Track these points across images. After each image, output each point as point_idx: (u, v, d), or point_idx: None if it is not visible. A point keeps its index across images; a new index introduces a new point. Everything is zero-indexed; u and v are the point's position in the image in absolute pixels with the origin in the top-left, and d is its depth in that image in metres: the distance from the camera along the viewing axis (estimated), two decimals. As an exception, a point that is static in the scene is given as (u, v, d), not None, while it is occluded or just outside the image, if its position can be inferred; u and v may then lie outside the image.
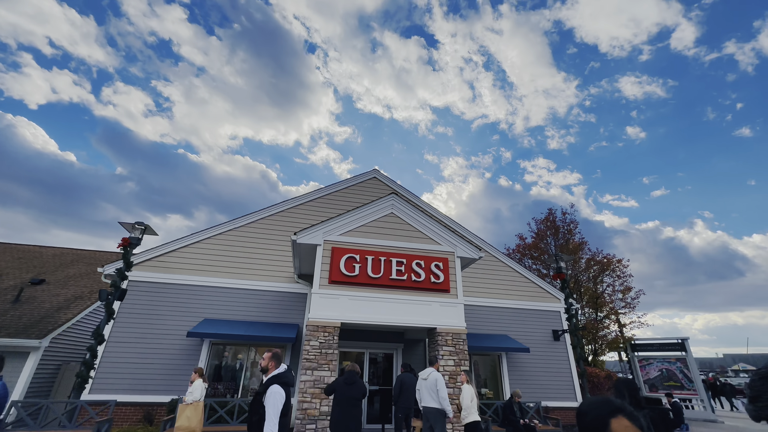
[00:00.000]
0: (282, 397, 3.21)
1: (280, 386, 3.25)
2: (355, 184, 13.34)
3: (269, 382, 3.31)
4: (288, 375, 3.46)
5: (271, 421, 3.11)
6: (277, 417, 3.14)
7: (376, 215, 9.30)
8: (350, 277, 8.32)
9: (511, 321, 12.57)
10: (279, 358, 3.58)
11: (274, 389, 3.22)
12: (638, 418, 1.08)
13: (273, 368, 3.48)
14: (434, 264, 8.91)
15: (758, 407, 0.71)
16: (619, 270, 19.84)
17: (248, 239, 11.63)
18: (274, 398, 3.18)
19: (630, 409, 1.10)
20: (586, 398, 1.18)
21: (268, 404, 3.15)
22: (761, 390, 0.71)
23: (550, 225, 21.79)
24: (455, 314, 8.69)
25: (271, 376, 3.41)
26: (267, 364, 3.51)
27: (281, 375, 3.41)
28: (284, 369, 3.49)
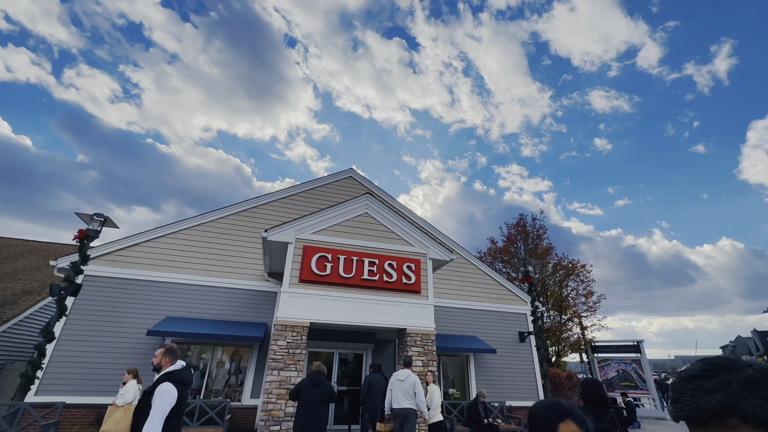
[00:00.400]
0: (172, 397, 2.86)
1: (172, 384, 2.91)
2: (331, 183, 13.21)
3: (160, 380, 2.95)
4: (184, 373, 3.12)
5: (154, 422, 2.73)
6: (161, 418, 2.77)
7: (350, 215, 9.25)
8: (321, 276, 8.22)
9: (479, 322, 12.84)
10: (175, 353, 3.22)
11: (164, 387, 2.87)
12: (586, 422, 1.11)
13: (167, 364, 3.12)
14: (406, 265, 8.97)
15: (677, 408, 0.75)
16: (583, 275, 20.82)
17: (218, 235, 11.26)
18: (162, 398, 2.83)
19: (579, 413, 1.13)
20: (538, 401, 1.21)
21: (155, 404, 2.80)
22: (681, 392, 0.74)
23: (520, 230, 22.51)
24: (425, 315, 8.78)
25: (163, 373, 3.05)
26: (160, 361, 3.14)
27: (176, 372, 3.06)
28: (181, 366, 3.16)
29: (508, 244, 22.44)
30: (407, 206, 15.01)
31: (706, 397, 0.72)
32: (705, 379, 0.74)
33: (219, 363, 10.06)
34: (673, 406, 0.77)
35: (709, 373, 0.74)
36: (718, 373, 0.74)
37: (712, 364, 0.77)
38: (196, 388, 9.50)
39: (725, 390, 0.71)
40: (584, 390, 3.08)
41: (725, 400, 0.70)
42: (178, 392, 2.91)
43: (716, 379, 0.73)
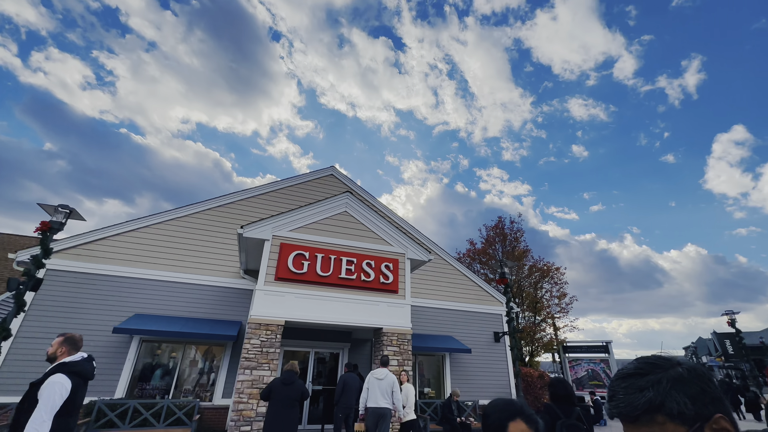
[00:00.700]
0: (65, 390, 2.52)
1: (66, 376, 2.58)
2: (312, 180, 13.08)
3: (52, 371, 2.61)
4: (83, 365, 2.77)
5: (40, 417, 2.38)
6: (50, 413, 2.42)
7: (330, 213, 9.18)
8: (298, 274, 8.12)
9: (456, 322, 13.01)
10: (75, 343, 2.85)
11: (55, 379, 2.53)
12: (536, 421, 1.14)
13: (64, 355, 2.77)
14: (384, 264, 8.98)
15: (612, 406, 0.77)
16: (557, 277, 21.47)
17: (193, 230, 10.94)
18: (51, 390, 2.48)
19: (529, 411, 1.15)
20: (492, 400, 1.23)
21: (42, 397, 2.46)
22: (616, 390, 0.77)
23: (499, 232, 22.97)
24: (402, 315, 8.82)
25: (57, 363, 2.70)
26: (56, 350, 2.78)
27: (72, 363, 2.71)
28: (81, 357, 2.81)
29: (487, 245, 22.87)
30: (389, 206, 15.03)
31: (637, 394, 0.74)
32: (638, 377, 0.77)
33: (191, 362, 9.79)
34: (608, 404, 0.79)
35: (642, 372, 0.77)
36: (650, 372, 0.76)
37: (646, 362, 0.79)
38: (165, 387, 9.21)
39: (655, 388, 0.73)
40: (552, 389, 3.18)
41: (654, 397, 0.72)
42: (73, 385, 2.59)
43: (648, 378, 0.75)
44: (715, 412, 0.69)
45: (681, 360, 0.79)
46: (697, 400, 0.70)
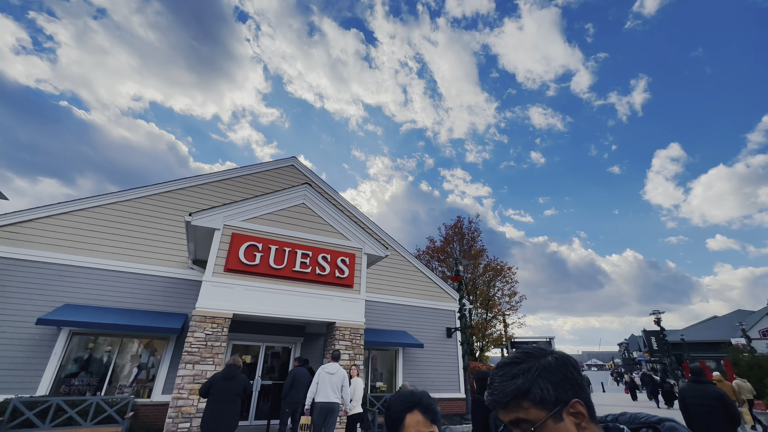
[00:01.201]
0: None
1: None
2: (271, 170, 12.67)
3: None
4: None
5: None
6: None
7: (286, 204, 8.95)
8: (249, 266, 7.85)
9: (411, 318, 13.25)
10: None
11: None
12: (433, 412, 1.17)
13: None
14: (341, 259, 8.92)
15: (488, 393, 0.80)
16: (509, 276, 22.55)
17: (139, 216, 10.20)
18: None
19: (427, 402, 1.18)
20: (395, 393, 1.25)
21: None
22: (493, 378, 0.80)
23: (457, 231, 23.67)
24: (356, 309, 8.82)
25: None
26: None
27: None
28: None
29: (445, 244, 23.48)
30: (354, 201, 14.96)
31: (509, 382, 0.78)
32: (513, 366, 0.81)
33: (129, 356, 9.15)
34: (487, 392, 0.83)
35: (517, 361, 0.81)
36: (524, 361, 0.80)
37: (523, 352, 0.84)
38: (98, 384, 8.55)
39: (524, 376, 0.77)
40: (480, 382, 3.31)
41: (522, 384, 0.76)
42: None
43: (521, 366, 0.79)
44: (573, 397, 0.74)
45: (553, 350, 0.85)
46: (559, 387, 0.75)
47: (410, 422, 1.13)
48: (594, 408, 0.77)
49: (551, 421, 0.72)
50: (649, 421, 0.77)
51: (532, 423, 0.73)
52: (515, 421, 0.76)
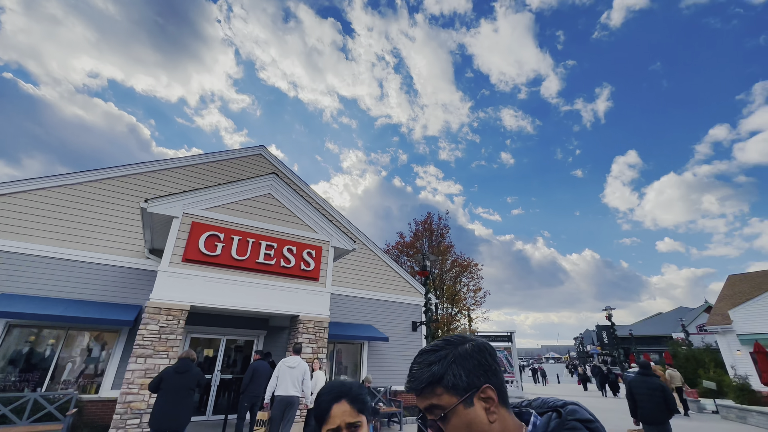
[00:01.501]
0: None
1: None
2: (238, 158, 12.23)
3: None
4: None
5: None
6: None
7: (252, 194, 8.68)
8: (210, 256, 7.56)
9: (378, 312, 13.33)
10: None
11: None
12: (362, 402, 1.16)
13: None
14: (307, 251, 8.79)
15: (407, 380, 0.81)
16: (474, 272, 23.23)
17: (91, 200, 9.52)
18: None
19: (356, 393, 1.17)
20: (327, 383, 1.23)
21: None
22: (413, 365, 0.80)
23: (427, 227, 24.03)
24: (321, 303, 8.75)
25: None
26: None
27: None
28: None
29: (415, 239, 23.79)
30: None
31: (426, 369, 0.79)
32: (431, 353, 0.81)
33: (76, 350, 8.58)
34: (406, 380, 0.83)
35: (436, 348, 0.82)
36: (442, 348, 0.81)
37: (444, 340, 0.85)
38: (39, 379, 7.97)
39: (440, 362, 0.78)
40: None
41: (437, 371, 0.77)
42: None
43: (439, 353, 0.80)
44: (485, 382, 0.76)
45: (473, 338, 0.86)
46: (472, 373, 0.76)
47: (336, 412, 1.12)
48: (506, 393, 0.79)
49: (462, 406, 0.73)
50: (555, 404, 0.80)
51: (444, 408, 0.74)
52: (429, 407, 0.77)
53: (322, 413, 1.13)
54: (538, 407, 0.83)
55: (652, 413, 5.71)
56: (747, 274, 22.16)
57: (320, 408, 1.14)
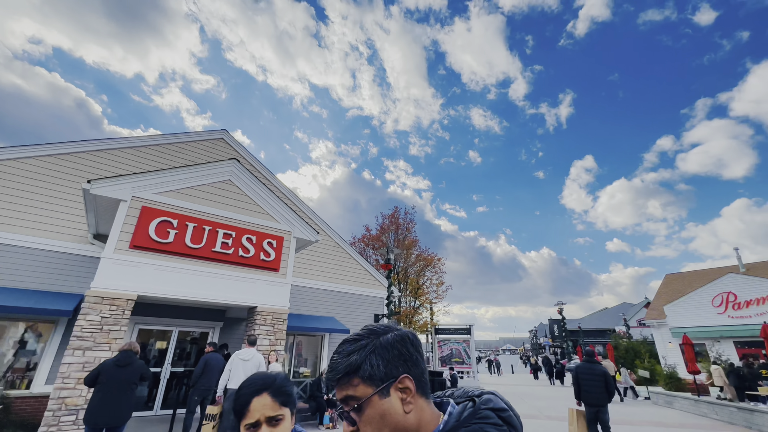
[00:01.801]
0: None
1: None
2: (197, 141, 11.60)
3: None
4: None
5: None
6: None
7: (210, 179, 8.28)
8: (161, 243, 7.13)
9: (341, 304, 13.27)
10: None
11: None
12: (286, 394, 1.12)
13: None
14: (267, 241, 8.54)
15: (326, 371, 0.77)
16: (438, 267, 23.77)
17: (28, 179, 8.66)
18: None
19: (279, 385, 1.12)
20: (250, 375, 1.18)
21: None
22: (332, 358, 0.77)
23: (393, 221, 24.21)
24: (281, 294, 8.56)
25: None
26: None
27: None
28: None
29: (381, 233, 23.89)
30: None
31: (344, 359, 0.76)
32: (352, 343, 0.79)
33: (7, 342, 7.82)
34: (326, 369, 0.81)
35: (357, 338, 0.79)
36: (364, 338, 0.79)
37: (367, 329, 0.83)
38: (-43, 374, 7.19)
39: (359, 352, 0.76)
40: None
41: (355, 361, 0.75)
42: None
43: (360, 343, 0.78)
44: (404, 372, 0.74)
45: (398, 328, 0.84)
46: (391, 363, 0.74)
47: (256, 406, 1.07)
48: (427, 383, 0.78)
49: (377, 396, 0.72)
50: (473, 394, 0.81)
51: (358, 399, 0.72)
52: (345, 398, 0.74)
53: (242, 407, 1.07)
54: (459, 397, 0.83)
55: (595, 396, 6.39)
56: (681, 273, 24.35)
57: (239, 402, 1.08)
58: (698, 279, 21.32)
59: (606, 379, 6.45)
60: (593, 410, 6.38)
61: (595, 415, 6.34)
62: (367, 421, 0.71)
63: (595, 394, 6.41)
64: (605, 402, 6.37)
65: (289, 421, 1.11)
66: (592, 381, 6.50)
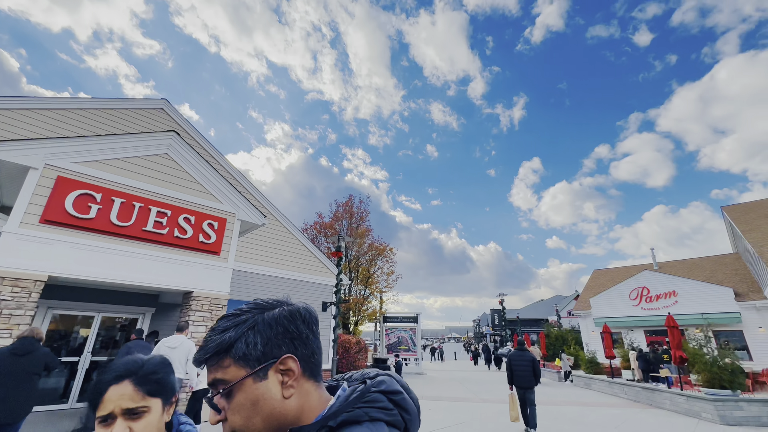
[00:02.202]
0: None
1: None
2: (131, 110, 10.48)
3: None
4: None
5: None
6: None
7: (144, 151, 7.52)
8: (80, 219, 6.36)
9: (288, 291, 12.91)
10: None
11: None
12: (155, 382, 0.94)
13: None
14: (208, 222, 7.99)
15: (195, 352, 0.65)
16: (389, 256, 24.03)
17: None
18: None
19: (146, 371, 0.95)
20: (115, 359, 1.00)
21: None
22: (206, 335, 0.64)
23: (347, 209, 23.99)
24: (221, 279, 8.09)
25: None
26: None
27: None
28: None
29: (334, 220, 23.58)
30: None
31: (218, 336, 0.65)
32: (232, 318, 0.67)
33: None
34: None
35: (239, 312, 0.68)
36: (247, 312, 0.68)
37: (254, 302, 0.71)
38: None
39: (236, 329, 0.65)
40: None
41: (228, 338, 0.63)
42: None
43: (239, 318, 0.67)
44: (288, 352, 0.65)
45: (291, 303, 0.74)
46: (272, 342, 0.64)
47: (112, 396, 0.88)
48: (317, 364, 0.69)
49: (251, 380, 0.61)
50: (368, 375, 0.74)
51: (228, 383, 0.61)
52: (213, 382, 0.63)
53: (95, 397, 0.89)
54: (356, 379, 0.76)
55: (525, 380, 7.23)
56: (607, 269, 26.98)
57: (93, 391, 0.90)
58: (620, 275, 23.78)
59: (534, 364, 7.29)
60: (522, 392, 7.23)
61: (523, 395, 7.20)
62: (235, 409, 0.60)
63: (525, 378, 7.23)
64: (533, 385, 7.21)
65: (160, 413, 0.94)
66: (523, 366, 7.33)
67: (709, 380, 9.50)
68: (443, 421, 8.22)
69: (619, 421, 8.60)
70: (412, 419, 0.67)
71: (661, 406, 10.32)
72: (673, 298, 18.27)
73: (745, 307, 16.39)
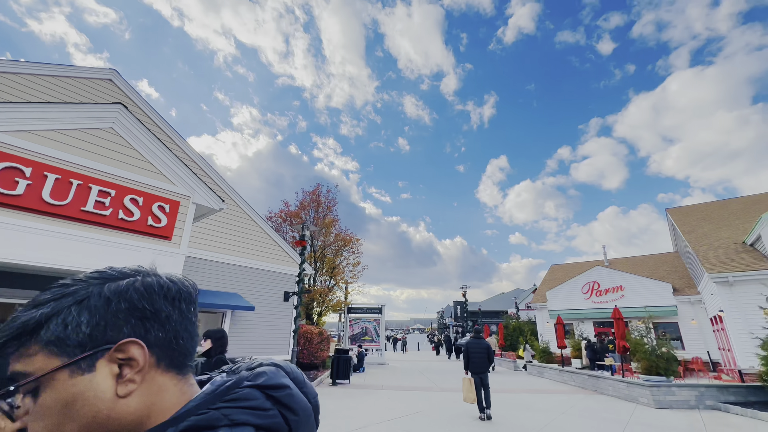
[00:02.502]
0: None
1: None
2: (74, 78, 9.52)
3: None
4: None
5: None
6: None
7: (85, 124, 6.83)
8: (4, 195, 5.68)
9: (247, 280, 12.46)
10: None
11: None
12: None
13: None
14: (158, 204, 7.44)
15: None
16: (355, 247, 23.88)
17: None
18: None
19: None
20: None
21: None
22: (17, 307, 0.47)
23: (314, 198, 23.47)
24: (173, 265, 7.58)
25: None
26: None
27: None
28: None
29: (300, 209, 23.02)
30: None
31: (25, 313, 0.48)
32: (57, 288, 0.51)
33: None
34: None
35: (70, 282, 0.51)
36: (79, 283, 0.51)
37: (97, 271, 0.55)
38: None
39: (54, 302, 0.48)
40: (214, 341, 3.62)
41: (38, 316, 0.47)
42: None
43: (68, 289, 0.50)
44: (131, 336, 0.49)
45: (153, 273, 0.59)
46: (108, 322, 0.47)
47: None
48: (180, 353, 0.53)
49: (66, 373, 0.44)
50: (253, 365, 0.60)
51: (29, 376, 0.45)
52: (12, 376, 0.46)
53: None
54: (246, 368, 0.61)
55: (480, 366, 7.89)
56: (563, 264, 28.43)
57: None
58: (575, 270, 25.13)
59: (488, 351, 7.99)
60: (478, 377, 7.81)
61: (479, 379, 7.81)
62: (39, 413, 0.43)
63: (480, 364, 7.90)
64: (486, 369, 7.87)
65: None
66: (478, 353, 7.96)
67: (648, 368, 10.26)
68: (402, 410, 8.29)
69: (566, 407, 9.08)
70: (301, 421, 0.52)
71: (605, 392, 11.03)
72: (620, 293, 19.56)
73: (681, 301, 17.87)
